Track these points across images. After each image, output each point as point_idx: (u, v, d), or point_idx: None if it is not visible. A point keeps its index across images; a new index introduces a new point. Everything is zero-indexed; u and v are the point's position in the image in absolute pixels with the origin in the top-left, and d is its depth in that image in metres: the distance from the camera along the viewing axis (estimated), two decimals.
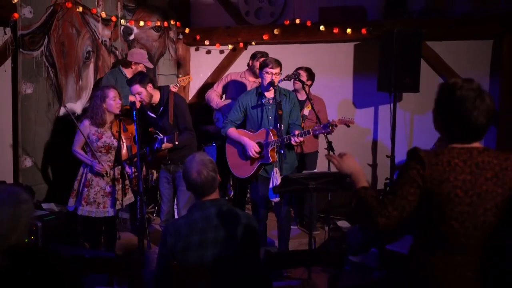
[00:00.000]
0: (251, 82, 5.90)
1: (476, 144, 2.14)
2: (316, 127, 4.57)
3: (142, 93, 4.79)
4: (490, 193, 2.05)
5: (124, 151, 4.74)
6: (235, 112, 4.96)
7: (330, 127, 4.51)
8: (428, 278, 2.13)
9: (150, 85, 4.85)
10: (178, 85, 6.39)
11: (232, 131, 4.92)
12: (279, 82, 4.87)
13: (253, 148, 4.73)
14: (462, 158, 2.08)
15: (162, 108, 4.97)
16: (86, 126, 4.69)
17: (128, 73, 5.81)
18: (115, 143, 4.74)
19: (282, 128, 4.56)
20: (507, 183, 2.07)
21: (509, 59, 5.74)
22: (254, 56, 5.89)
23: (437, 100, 2.20)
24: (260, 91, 4.86)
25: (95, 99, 4.76)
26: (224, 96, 6.12)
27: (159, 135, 4.90)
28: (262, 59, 5.64)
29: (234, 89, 5.94)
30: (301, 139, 4.60)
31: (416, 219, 2.16)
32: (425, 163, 2.07)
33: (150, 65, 5.95)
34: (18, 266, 2.03)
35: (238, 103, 4.97)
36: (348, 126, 5.83)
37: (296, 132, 4.59)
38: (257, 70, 5.65)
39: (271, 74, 4.71)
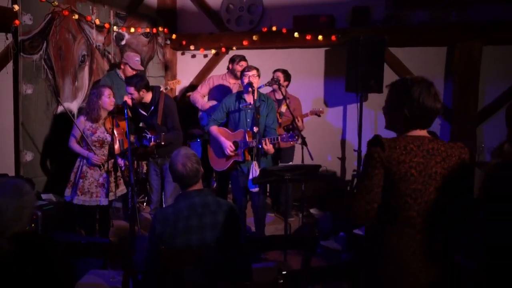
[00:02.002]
0: (231, 84, 5.90)
1: (426, 134, 2.20)
2: (284, 135, 4.62)
3: (134, 95, 4.84)
4: (439, 174, 2.12)
5: (116, 145, 4.74)
6: (218, 112, 4.99)
7: (296, 137, 4.60)
8: (382, 251, 2.17)
9: (143, 90, 4.87)
10: (168, 88, 6.38)
11: (213, 129, 4.96)
12: (259, 87, 4.92)
13: (228, 148, 4.79)
14: (416, 143, 2.13)
15: (152, 107, 4.96)
16: (82, 122, 4.71)
17: (123, 74, 5.78)
18: (108, 137, 4.74)
19: (259, 130, 4.61)
20: (452, 167, 2.14)
21: (461, 63, 5.80)
22: (233, 60, 5.88)
23: (394, 95, 2.23)
24: (241, 95, 4.90)
25: (91, 96, 4.79)
26: (207, 97, 6.11)
27: (148, 134, 4.91)
28: (242, 62, 5.70)
29: (217, 90, 5.93)
30: (270, 146, 4.64)
31: None
32: (384, 145, 2.12)
33: (140, 68, 5.89)
34: (21, 251, 2.04)
35: (222, 104, 4.99)
36: (319, 115, 5.90)
37: (266, 140, 4.64)
38: (237, 73, 5.69)
39: (248, 76, 4.76)
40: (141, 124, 5.28)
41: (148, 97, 4.94)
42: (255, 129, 4.61)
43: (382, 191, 2.15)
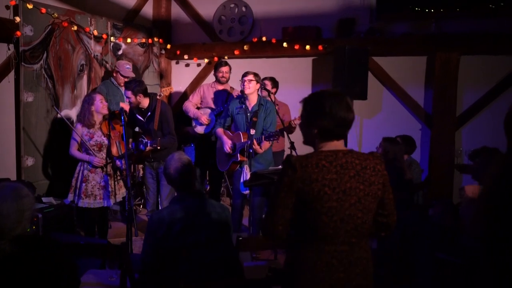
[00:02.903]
0: (220, 90, 5.93)
1: (341, 146, 2.11)
2: (265, 134, 4.69)
3: (131, 99, 4.86)
4: (354, 189, 2.02)
5: (114, 148, 4.75)
6: (224, 115, 5.11)
7: (277, 136, 4.60)
8: (302, 267, 2.05)
9: (140, 95, 4.87)
10: (162, 95, 6.38)
11: (218, 131, 5.06)
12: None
13: (227, 145, 4.85)
14: (328, 160, 2.02)
15: (149, 113, 4.96)
16: (79, 129, 4.70)
17: (117, 81, 5.78)
18: (106, 141, 4.74)
19: (255, 132, 4.64)
20: (367, 180, 2.04)
21: (440, 72, 5.82)
22: (215, 67, 5.96)
23: (307, 111, 2.14)
24: (242, 99, 4.94)
25: (83, 104, 4.81)
26: (200, 105, 6.11)
27: (144, 138, 4.90)
28: (222, 68, 5.81)
29: (208, 97, 5.96)
30: (257, 146, 4.70)
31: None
32: (296, 166, 2.01)
33: (131, 74, 5.83)
34: (23, 252, 2.03)
35: (227, 108, 5.09)
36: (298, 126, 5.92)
37: (255, 140, 4.70)
38: (221, 78, 5.82)
39: (244, 81, 4.81)
40: (136, 129, 5.28)
41: (145, 102, 4.94)
42: (252, 131, 4.65)
43: (298, 210, 2.04)
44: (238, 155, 4.80)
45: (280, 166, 5.98)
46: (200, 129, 5.91)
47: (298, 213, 2.06)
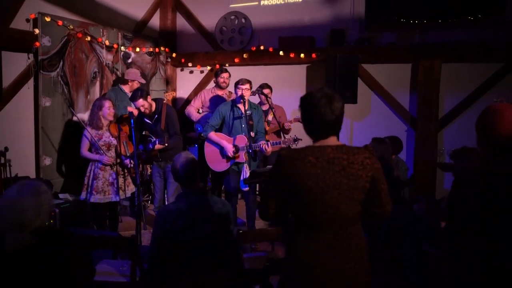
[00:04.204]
0: (219, 95, 5.94)
1: (333, 141, 2.08)
2: (286, 139, 4.69)
3: (145, 104, 4.83)
4: (338, 183, 2.00)
5: (122, 148, 4.76)
6: (215, 118, 4.96)
7: (298, 141, 4.64)
8: (297, 253, 2.07)
9: (149, 97, 4.89)
10: (165, 99, 6.40)
11: (213, 135, 4.94)
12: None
13: (231, 150, 4.79)
14: (316, 155, 2.02)
15: (156, 116, 4.98)
16: (88, 131, 4.69)
17: (126, 89, 5.77)
18: (113, 141, 4.74)
19: (253, 134, 4.66)
20: (353, 174, 2.02)
21: (423, 78, 5.85)
22: (216, 74, 5.93)
23: (302, 110, 2.13)
24: (235, 104, 4.92)
25: (93, 107, 4.77)
26: (202, 109, 6.13)
27: (152, 138, 4.91)
28: (223, 74, 5.75)
29: (212, 102, 5.96)
30: (270, 148, 4.70)
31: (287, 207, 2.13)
32: (284, 159, 2.03)
33: (143, 81, 5.91)
34: (42, 243, 2.05)
35: (217, 111, 4.97)
36: (300, 121, 5.92)
37: (268, 143, 4.68)
38: (222, 84, 5.77)
39: (241, 89, 4.78)
40: (144, 132, 5.29)
41: (152, 107, 4.96)
42: (252, 134, 4.66)
43: (288, 200, 2.07)
44: (243, 156, 4.79)
45: None
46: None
47: (289, 203, 2.08)
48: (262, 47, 6.74)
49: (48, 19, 5.31)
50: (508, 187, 1.91)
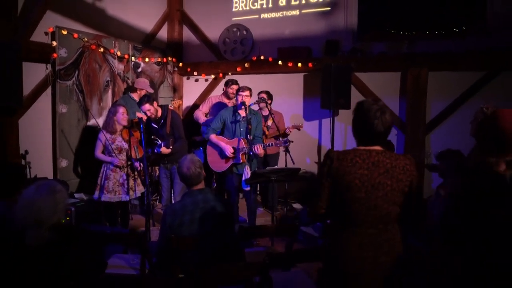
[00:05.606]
0: (226, 103, 5.96)
1: (377, 147, 2.11)
2: (278, 141, 4.71)
3: (151, 109, 4.84)
4: (382, 184, 2.03)
5: (133, 152, 4.79)
6: (216, 122, 5.00)
7: (288, 142, 4.68)
8: (339, 247, 2.09)
9: (155, 102, 4.92)
10: (172, 106, 6.43)
11: (213, 137, 4.98)
12: (250, 105, 4.98)
13: (229, 150, 4.82)
14: (362, 157, 2.05)
15: (162, 121, 5.00)
16: (103, 135, 4.72)
17: (135, 96, 5.78)
18: (125, 145, 4.76)
19: (250, 138, 4.68)
20: (395, 177, 2.05)
21: (411, 85, 5.83)
22: (226, 84, 5.93)
23: (354, 116, 2.15)
24: (235, 109, 4.95)
25: (109, 113, 4.83)
26: (208, 114, 6.16)
27: (158, 141, 4.94)
28: (233, 86, 5.76)
29: (215, 108, 5.98)
30: (262, 150, 4.75)
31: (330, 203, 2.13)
32: (333, 159, 2.05)
33: (151, 90, 5.93)
34: (59, 238, 2.08)
35: (219, 115, 5.01)
36: (299, 129, 5.93)
37: (258, 145, 4.72)
38: (231, 94, 5.76)
39: (242, 96, 4.81)
40: (152, 137, 5.31)
41: (158, 112, 4.99)
42: (250, 137, 4.68)
43: (334, 197, 2.07)
44: (240, 157, 4.82)
45: (275, 167, 6.05)
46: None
47: (334, 201, 2.09)
48: (262, 57, 6.74)
49: (64, 32, 5.35)
50: (496, 186, 1.93)
